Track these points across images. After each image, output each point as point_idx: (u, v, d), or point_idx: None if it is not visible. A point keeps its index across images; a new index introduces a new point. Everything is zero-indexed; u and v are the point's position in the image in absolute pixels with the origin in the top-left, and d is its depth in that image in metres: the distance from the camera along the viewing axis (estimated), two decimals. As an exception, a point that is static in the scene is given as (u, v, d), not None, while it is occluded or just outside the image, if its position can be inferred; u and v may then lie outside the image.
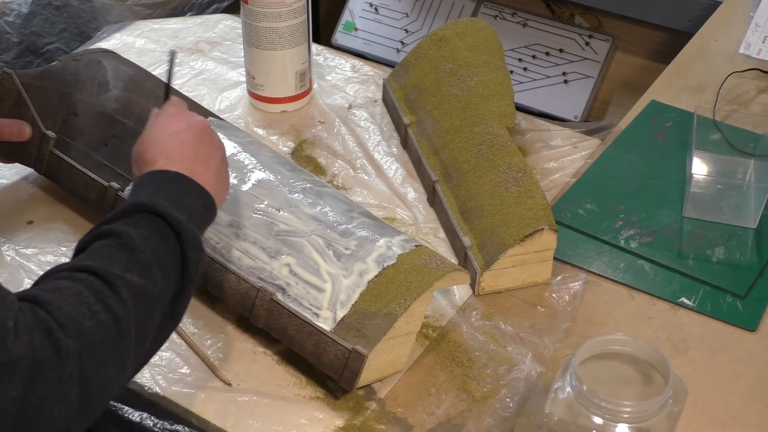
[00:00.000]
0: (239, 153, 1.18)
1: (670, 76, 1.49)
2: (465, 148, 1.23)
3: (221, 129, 1.22)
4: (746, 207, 1.22)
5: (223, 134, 1.20)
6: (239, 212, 1.10)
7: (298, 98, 1.43)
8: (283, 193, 1.12)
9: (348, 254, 1.05)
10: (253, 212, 1.10)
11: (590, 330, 1.09)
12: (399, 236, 1.08)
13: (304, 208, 1.10)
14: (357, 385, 0.99)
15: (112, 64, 1.30)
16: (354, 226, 1.08)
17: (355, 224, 1.08)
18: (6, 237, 1.19)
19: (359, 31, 2.10)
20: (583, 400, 0.87)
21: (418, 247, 1.06)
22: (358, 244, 1.05)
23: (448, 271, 1.02)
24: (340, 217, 1.09)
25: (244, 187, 1.12)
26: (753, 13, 1.49)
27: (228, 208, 1.11)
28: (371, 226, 1.09)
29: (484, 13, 2.02)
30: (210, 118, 1.28)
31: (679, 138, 1.35)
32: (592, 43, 1.93)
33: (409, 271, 1.02)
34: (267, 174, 1.15)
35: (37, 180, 1.27)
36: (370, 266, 1.04)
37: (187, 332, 1.07)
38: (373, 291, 1.02)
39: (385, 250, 1.05)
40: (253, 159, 1.17)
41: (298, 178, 1.15)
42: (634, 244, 1.19)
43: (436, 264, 1.03)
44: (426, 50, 1.38)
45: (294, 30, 1.36)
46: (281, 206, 1.10)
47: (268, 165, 1.16)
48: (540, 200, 1.13)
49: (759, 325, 1.10)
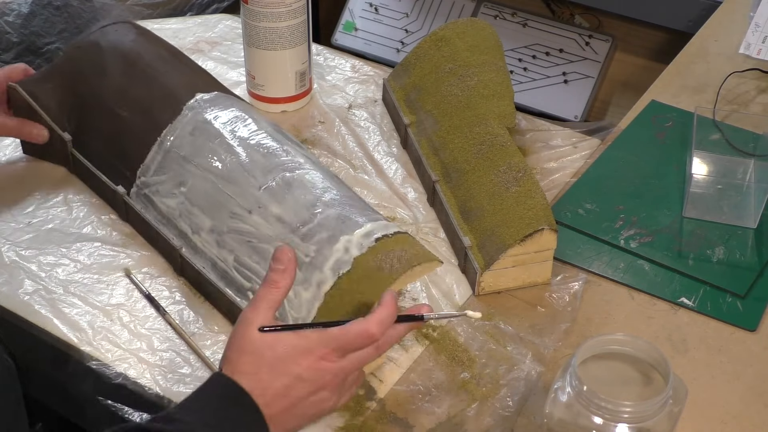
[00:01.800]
0: (220, 133, 1.15)
1: (670, 76, 1.49)
2: (465, 148, 1.23)
3: (213, 105, 1.19)
4: (746, 207, 1.22)
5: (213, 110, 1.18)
6: (218, 216, 1.09)
7: (298, 98, 1.43)
8: (253, 190, 1.08)
9: (308, 262, 1.01)
10: (229, 216, 1.08)
11: (590, 330, 1.09)
12: (360, 230, 1.02)
13: (272, 207, 1.06)
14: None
15: (111, 44, 1.28)
16: (316, 224, 1.03)
17: (317, 221, 1.04)
18: (6, 237, 1.19)
19: (359, 31, 2.10)
20: (583, 400, 0.87)
21: (378, 242, 1.01)
22: (317, 249, 1.01)
23: (403, 272, 0.99)
24: (304, 212, 1.05)
25: (221, 185, 1.10)
26: (753, 13, 1.49)
27: (209, 210, 1.10)
28: (333, 220, 1.04)
29: (484, 13, 2.02)
30: (215, 93, 1.22)
31: (679, 138, 1.35)
32: (592, 43, 1.93)
33: (362, 280, 0.99)
34: (242, 164, 1.11)
35: (36, 180, 1.27)
36: (327, 276, 1.00)
37: (187, 332, 1.07)
38: (330, 305, 0.99)
39: (342, 254, 1.00)
40: (232, 141, 1.13)
41: (271, 165, 1.10)
42: (634, 244, 1.19)
43: (391, 264, 0.99)
44: (426, 50, 1.38)
45: (294, 30, 1.36)
46: (251, 207, 1.07)
47: (245, 150, 1.12)
48: (540, 200, 1.13)
49: (759, 325, 1.10)
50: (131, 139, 1.20)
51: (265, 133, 1.15)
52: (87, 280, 1.14)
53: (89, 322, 1.09)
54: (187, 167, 1.13)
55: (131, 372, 1.03)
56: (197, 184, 1.12)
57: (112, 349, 1.06)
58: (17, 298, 1.10)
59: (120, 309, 1.10)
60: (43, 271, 1.15)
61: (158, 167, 1.16)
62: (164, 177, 1.15)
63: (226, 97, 1.22)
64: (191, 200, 1.12)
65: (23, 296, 1.11)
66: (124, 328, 1.08)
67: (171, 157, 1.15)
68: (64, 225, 1.21)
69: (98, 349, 1.06)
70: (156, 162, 1.16)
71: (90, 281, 1.13)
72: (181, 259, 1.12)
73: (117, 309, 1.10)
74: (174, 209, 1.13)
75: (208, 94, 1.20)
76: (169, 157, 1.15)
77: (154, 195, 1.16)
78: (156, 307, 1.10)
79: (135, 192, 1.18)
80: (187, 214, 1.12)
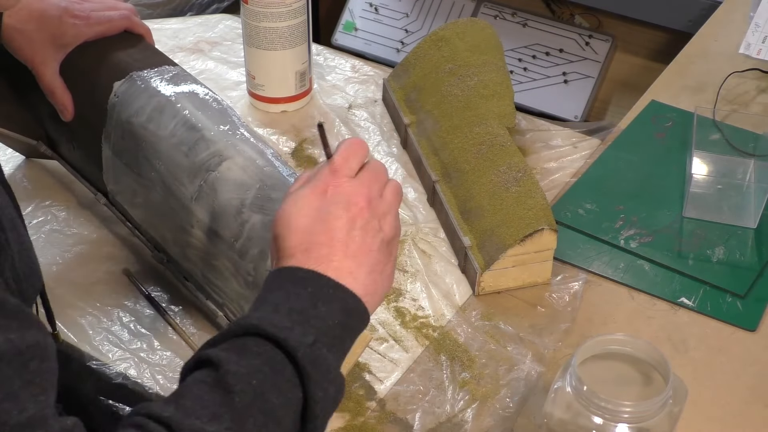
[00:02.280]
0: (143, 136, 1.05)
1: (670, 76, 1.49)
2: (465, 148, 1.23)
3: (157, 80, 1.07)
4: (746, 207, 1.22)
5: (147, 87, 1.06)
6: (174, 229, 1.03)
7: (298, 98, 1.43)
8: (187, 201, 0.99)
9: (251, 281, 0.94)
10: (180, 230, 1.01)
11: (590, 330, 1.09)
12: None
13: (206, 219, 0.97)
14: None
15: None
16: (245, 238, 0.95)
17: (246, 234, 0.95)
18: (6, 237, 1.19)
19: (359, 31, 2.10)
20: (583, 400, 0.87)
21: None
22: (254, 267, 0.94)
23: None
24: (233, 223, 0.96)
25: (164, 197, 1.02)
26: (753, 13, 1.49)
27: (166, 223, 1.04)
28: (260, 229, 0.94)
29: (484, 13, 2.02)
30: (166, 66, 1.11)
31: (679, 138, 1.35)
32: (592, 43, 1.93)
33: None
34: (171, 172, 1.01)
35: (35, 180, 1.27)
36: None
37: (187, 332, 1.07)
38: None
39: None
40: (157, 143, 1.03)
41: (195, 167, 1.00)
42: (634, 244, 1.19)
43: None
44: (426, 50, 1.38)
45: (294, 30, 1.36)
46: (192, 222, 0.99)
47: (169, 151, 1.02)
48: (540, 200, 1.13)
49: (759, 325, 1.10)
50: (88, 144, 1.13)
51: (184, 122, 1.02)
52: (87, 280, 1.14)
53: (89, 322, 1.09)
54: (132, 177, 1.07)
55: (131, 372, 1.03)
56: (148, 196, 1.05)
57: (112, 349, 1.06)
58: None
59: (120, 309, 1.10)
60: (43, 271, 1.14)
61: (115, 176, 1.10)
62: (122, 186, 1.10)
63: (139, 76, 1.08)
64: (150, 211, 1.06)
65: (23, 296, 1.11)
66: (124, 328, 1.08)
67: (117, 165, 1.08)
68: (64, 225, 1.21)
69: (98, 349, 1.06)
70: (111, 171, 1.10)
71: (90, 281, 1.13)
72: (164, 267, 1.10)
73: (117, 309, 1.10)
74: (143, 220, 1.09)
75: (121, 83, 1.08)
76: (117, 166, 1.09)
77: (124, 203, 1.10)
78: (156, 307, 1.10)
79: (112, 199, 1.13)
80: (153, 226, 1.07)
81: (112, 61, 1.11)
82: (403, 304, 1.12)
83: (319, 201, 0.79)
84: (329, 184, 0.80)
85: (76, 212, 1.23)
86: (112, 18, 1.14)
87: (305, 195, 0.80)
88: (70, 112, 1.12)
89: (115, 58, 1.12)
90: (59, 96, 1.11)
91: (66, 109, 1.12)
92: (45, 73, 1.11)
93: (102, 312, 1.10)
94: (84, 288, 1.13)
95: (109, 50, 1.12)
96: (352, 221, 0.79)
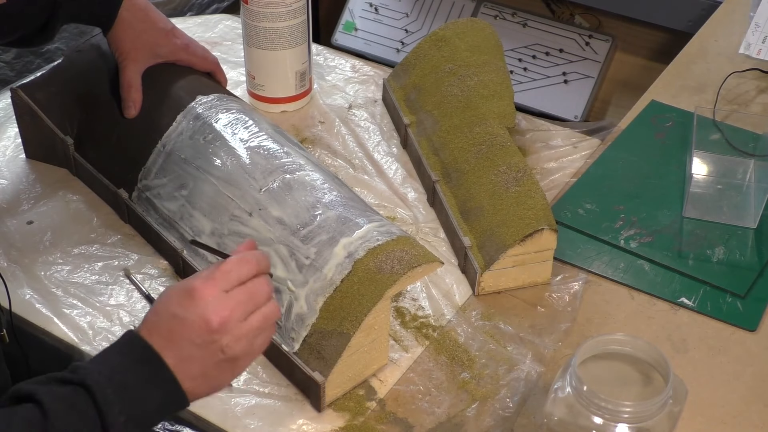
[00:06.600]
0: (220, 135, 1.15)
1: (670, 76, 1.49)
2: (465, 148, 1.23)
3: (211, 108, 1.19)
4: (746, 207, 1.22)
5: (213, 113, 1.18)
6: (219, 218, 1.09)
7: (298, 98, 1.43)
8: (254, 192, 1.08)
9: (308, 264, 1.02)
10: (229, 218, 1.09)
11: (590, 330, 1.09)
12: (360, 231, 1.03)
13: (272, 209, 1.07)
14: (323, 407, 0.99)
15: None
16: (316, 226, 1.04)
17: (317, 223, 1.04)
18: (6, 238, 1.19)
19: (359, 31, 2.10)
20: (583, 400, 0.87)
21: (378, 243, 1.01)
22: (317, 252, 1.02)
23: (403, 273, 0.98)
24: (304, 214, 1.05)
25: (222, 187, 1.10)
26: (753, 13, 1.49)
27: (210, 213, 1.10)
28: (333, 222, 1.04)
29: (484, 13, 2.02)
30: (216, 95, 1.22)
31: (679, 138, 1.35)
32: (592, 43, 1.93)
33: (362, 282, 0.99)
34: (242, 166, 1.11)
35: (37, 180, 1.27)
36: (327, 278, 1.00)
37: (188, 332, 1.07)
38: (330, 307, 0.99)
39: (342, 259, 1.01)
40: (233, 143, 1.14)
41: (272, 167, 1.10)
42: (634, 244, 1.19)
43: (391, 266, 0.99)
44: (426, 50, 1.38)
45: (294, 30, 1.36)
46: (252, 209, 1.07)
47: (245, 152, 1.12)
48: (540, 200, 1.13)
49: (759, 325, 1.10)
50: (133, 143, 1.20)
51: (266, 135, 1.15)
52: (87, 280, 1.14)
53: (89, 322, 1.09)
54: (188, 170, 1.13)
55: (131, 372, 1.03)
56: (198, 187, 1.12)
57: (112, 349, 1.06)
58: (18, 299, 1.10)
59: (120, 309, 1.10)
60: (43, 271, 1.15)
61: (159, 170, 1.16)
62: (165, 180, 1.15)
63: (227, 98, 1.22)
64: (192, 203, 1.12)
65: (24, 296, 1.11)
66: (124, 329, 1.08)
67: (172, 159, 1.15)
68: (64, 226, 1.21)
69: (98, 349, 1.06)
70: (157, 165, 1.16)
71: (90, 282, 1.13)
72: (183, 262, 1.12)
73: (117, 309, 1.10)
74: (175, 212, 1.13)
75: (208, 97, 1.21)
76: (170, 160, 1.16)
77: (156, 198, 1.16)
78: (156, 307, 1.10)
79: (137, 195, 1.18)
80: (188, 217, 1.12)
81: (198, 81, 1.25)
82: (403, 304, 1.12)
83: (184, 300, 0.84)
84: (198, 290, 0.84)
85: (76, 213, 1.23)
86: (207, 56, 1.29)
87: (180, 288, 0.85)
88: (136, 109, 1.21)
89: (200, 80, 1.26)
90: (134, 92, 1.21)
91: (134, 104, 1.21)
92: (132, 68, 1.22)
93: (102, 312, 1.10)
94: (84, 288, 1.13)
95: (195, 74, 1.27)
96: (197, 335, 0.83)
